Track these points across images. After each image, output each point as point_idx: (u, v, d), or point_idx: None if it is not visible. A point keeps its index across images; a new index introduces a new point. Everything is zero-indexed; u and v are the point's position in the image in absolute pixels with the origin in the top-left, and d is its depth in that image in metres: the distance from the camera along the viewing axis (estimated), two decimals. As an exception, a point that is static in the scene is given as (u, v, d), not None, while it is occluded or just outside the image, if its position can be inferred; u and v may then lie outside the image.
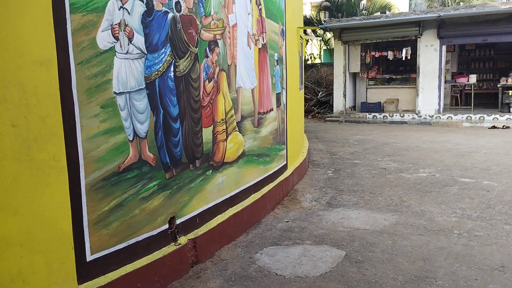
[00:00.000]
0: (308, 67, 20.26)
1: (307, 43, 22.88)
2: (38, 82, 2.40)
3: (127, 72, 2.95)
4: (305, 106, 17.09)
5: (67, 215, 2.59)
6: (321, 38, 21.54)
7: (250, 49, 4.62)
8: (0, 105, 2.22)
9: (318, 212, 5.12)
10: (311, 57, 22.58)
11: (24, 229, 2.36)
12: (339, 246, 4.05)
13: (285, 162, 5.88)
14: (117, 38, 2.85)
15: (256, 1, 4.75)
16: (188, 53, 3.52)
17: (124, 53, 2.92)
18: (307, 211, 5.18)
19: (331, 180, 6.66)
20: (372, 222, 4.71)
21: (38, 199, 2.42)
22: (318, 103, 17.73)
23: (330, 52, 21.44)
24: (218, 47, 3.95)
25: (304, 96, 17.76)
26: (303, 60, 8.68)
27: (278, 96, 5.55)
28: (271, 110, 5.27)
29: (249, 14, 4.56)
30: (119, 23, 2.87)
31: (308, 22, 19.58)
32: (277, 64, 5.45)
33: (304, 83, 18.27)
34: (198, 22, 3.64)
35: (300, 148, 7.26)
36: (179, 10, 3.39)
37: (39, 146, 2.42)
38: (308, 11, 26.06)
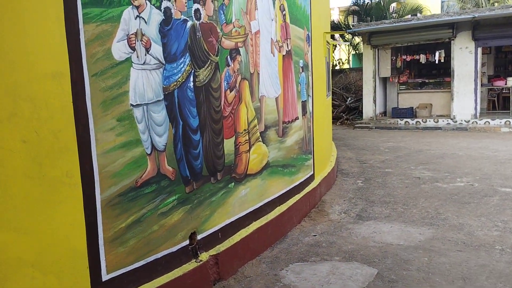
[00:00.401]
0: (336, 73, 19.96)
1: (334, 49, 22.58)
2: (50, 96, 2.31)
3: (145, 83, 2.85)
4: (333, 112, 16.79)
5: (81, 233, 2.49)
6: (349, 43, 21.20)
7: (274, 56, 4.46)
8: (9, 120, 2.14)
9: (348, 225, 4.88)
10: (339, 63, 22.23)
11: (36, 248, 2.27)
12: (371, 263, 3.81)
13: (312, 172, 5.67)
14: (133, 49, 2.75)
15: (280, 7, 4.60)
16: (208, 62, 3.39)
17: (141, 64, 2.82)
18: (335, 224, 4.95)
19: (361, 190, 6.40)
20: (406, 237, 4.43)
21: (50, 217, 2.32)
22: (347, 109, 17.38)
23: (359, 57, 21.05)
24: (240, 55, 3.82)
25: (332, 103, 17.53)
26: (331, 66, 8.47)
27: (304, 104, 5.36)
28: (297, 118, 5.09)
29: (272, 20, 4.41)
30: (136, 32, 2.77)
31: (335, 27, 19.30)
32: (302, 71, 5.27)
33: (332, 89, 18.02)
34: (218, 30, 3.52)
35: (328, 157, 7.03)
36: (198, 18, 3.27)
37: (51, 162, 2.33)
38: (336, 16, 25.77)
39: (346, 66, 23.07)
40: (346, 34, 18.73)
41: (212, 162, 3.48)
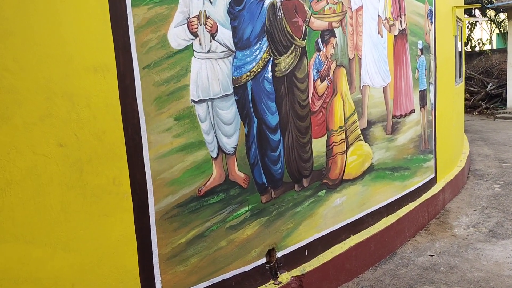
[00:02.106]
0: (475, 55, 17.52)
1: (473, 27, 19.88)
2: (92, 92, 2.01)
3: (209, 75, 2.42)
4: (470, 100, 14.76)
5: (132, 249, 2.18)
6: (491, 20, 18.42)
7: (382, 37, 3.70)
8: (43, 122, 1.87)
9: (476, 244, 3.92)
10: (479, 43, 19.49)
11: (77, 266, 2.00)
12: (505, 304, 2.90)
13: (432, 175, 4.74)
14: (195, 35, 2.34)
15: (391, -23, 3.80)
16: (292, 48, 2.84)
17: (205, 52, 2.39)
18: (460, 241, 4.01)
19: (498, 198, 5.21)
20: (560, 269, 3.35)
21: (93, 231, 2.04)
22: (487, 97, 15.08)
23: (503, 36, 18.17)
24: (335, 37, 3.17)
25: (470, 89, 15.39)
26: (468, 47, 7.16)
27: (423, 94, 4.46)
28: (412, 111, 4.23)
29: (380, -7, 3.64)
30: (198, 15, 2.35)
31: (474, 1, 16.89)
32: (421, 54, 4.37)
33: (470, 74, 15.82)
34: (306, 8, 2.93)
35: (457, 155, 5.91)
36: (279, -6, 2.73)
37: (94, 168, 2.03)
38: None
39: (487, 47, 20.17)
40: (488, 10, 16.24)
41: (296, 166, 2.94)
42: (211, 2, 2.40)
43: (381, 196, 3.80)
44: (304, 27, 2.91)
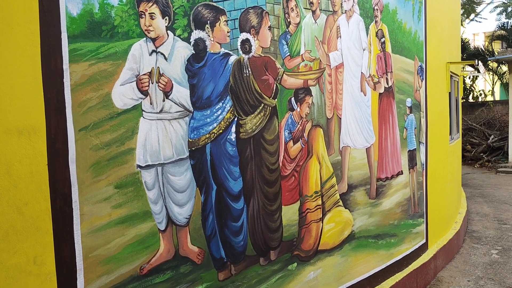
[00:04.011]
0: (477, 106, 17.42)
1: (476, 78, 19.93)
2: (14, 158, 1.75)
3: (161, 137, 2.17)
4: (472, 152, 14.49)
5: None
6: (493, 72, 18.45)
7: (366, 95, 3.48)
8: None
9: (470, 324, 3.53)
10: (480, 94, 19.43)
11: None
12: None
13: (423, 241, 4.39)
14: (145, 93, 2.11)
15: (376, 33, 3.63)
16: (260, 107, 2.61)
17: (157, 112, 2.16)
18: (452, 320, 3.62)
19: (495, 266, 4.82)
20: None
21: (5, 321, 1.73)
22: (488, 149, 14.81)
23: (506, 87, 18.11)
24: (311, 96, 2.95)
25: (471, 140, 15.14)
26: (469, 97, 6.95)
27: (412, 154, 4.19)
28: (400, 173, 3.96)
29: (364, 49, 3.46)
30: (150, 72, 2.13)
31: (477, 54, 16.96)
32: (410, 112, 4.15)
33: (472, 125, 15.62)
34: (278, 65, 2.72)
35: (451, 216, 5.57)
36: (247, 51, 2.53)
37: (12, 245, 1.75)
38: (481, 42, 22.92)
39: (490, 98, 20.10)
40: (490, 62, 16.27)
41: (262, 237, 2.64)
42: (166, 58, 2.19)
43: (363, 267, 3.46)
44: (275, 85, 2.69)
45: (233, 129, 2.48)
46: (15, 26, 1.74)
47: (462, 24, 18.01)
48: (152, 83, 2.14)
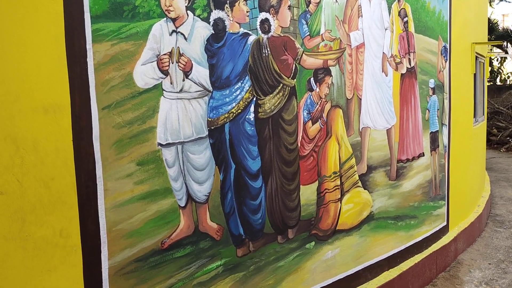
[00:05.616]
0: (504, 89, 16.94)
1: (504, 60, 19.32)
2: (40, 135, 1.83)
3: (180, 116, 2.22)
4: (498, 136, 14.13)
5: (79, 309, 1.95)
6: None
7: (387, 76, 3.44)
8: (-21, 167, 1.70)
9: (489, 306, 3.52)
10: (508, 77, 18.87)
11: (11, 328, 1.79)
12: None
13: (444, 223, 4.36)
14: (166, 73, 2.15)
15: (399, 12, 3.56)
16: (279, 87, 2.62)
17: (177, 92, 2.20)
18: (471, 302, 3.62)
19: (519, 250, 4.77)
20: None
21: (34, 288, 1.83)
22: (516, 133, 14.41)
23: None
24: (331, 76, 2.94)
25: (497, 124, 14.76)
26: (496, 80, 6.79)
27: (434, 136, 4.14)
28: (421, 155, 3.92)
29: (386, 29, 3.40)
30: (170, 52, 2.16)
31: (506, 35, 16.40)
32: (433, 93, 4.08)
33: (499, 108, 15.21)
34: (297, 45, 2.72)
35: (474, 200, 5.50)
36: (266, 31, 2.53)
37: (39, 218, 1.83)
38: (511, 23, 22.15)
39: (518, 80, 19.53)
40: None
41: (280, 215, 2.68)
42: (186, 38, 2.22)
43: (382, 247, 3.47)
44: (294, 65, 2.69)
45: (252, 109, 2.50)
46: (40, 5, 1.79)
47: (490, 4, 17.40)
48: (172, 63, 2.18)
